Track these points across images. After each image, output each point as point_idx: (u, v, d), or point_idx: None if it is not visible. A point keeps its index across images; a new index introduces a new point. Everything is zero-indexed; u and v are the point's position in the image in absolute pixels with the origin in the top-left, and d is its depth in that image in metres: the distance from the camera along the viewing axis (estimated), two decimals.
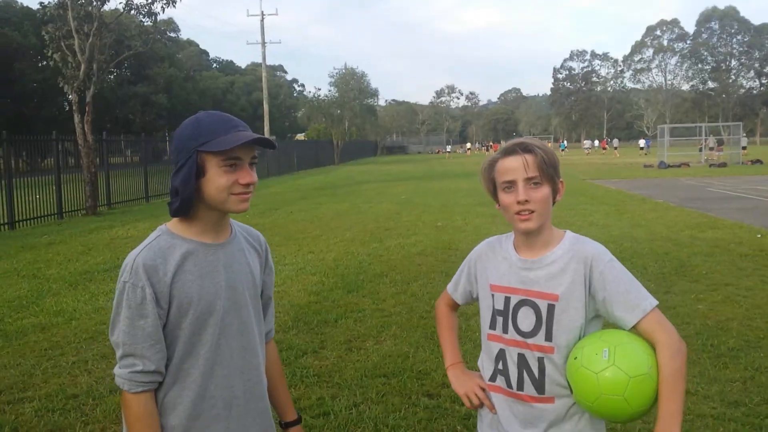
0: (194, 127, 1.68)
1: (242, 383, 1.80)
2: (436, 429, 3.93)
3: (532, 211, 1.80)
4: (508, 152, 1.85)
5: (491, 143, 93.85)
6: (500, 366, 1.90)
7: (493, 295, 1.93)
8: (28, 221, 15.24)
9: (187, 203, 1.69)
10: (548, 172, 1.81)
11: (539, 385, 1.82)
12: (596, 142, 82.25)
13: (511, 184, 1.82)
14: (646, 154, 53.47)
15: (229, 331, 1.76)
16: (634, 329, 1.75)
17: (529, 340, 1.83)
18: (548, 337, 1.81)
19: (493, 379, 1.93)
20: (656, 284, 7.19)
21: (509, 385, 1.87)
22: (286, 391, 2.07)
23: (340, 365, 5.04)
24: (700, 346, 5.19)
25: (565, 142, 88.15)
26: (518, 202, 1.80)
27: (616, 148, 63.02)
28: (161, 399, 1.71)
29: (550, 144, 65.34)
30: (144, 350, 1.64)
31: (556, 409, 1.81)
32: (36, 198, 15.80)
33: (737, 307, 6.29)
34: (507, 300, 1.89)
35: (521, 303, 1.86)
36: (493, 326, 1.93)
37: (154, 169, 23.28)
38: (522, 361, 1.84)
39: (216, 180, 1.66)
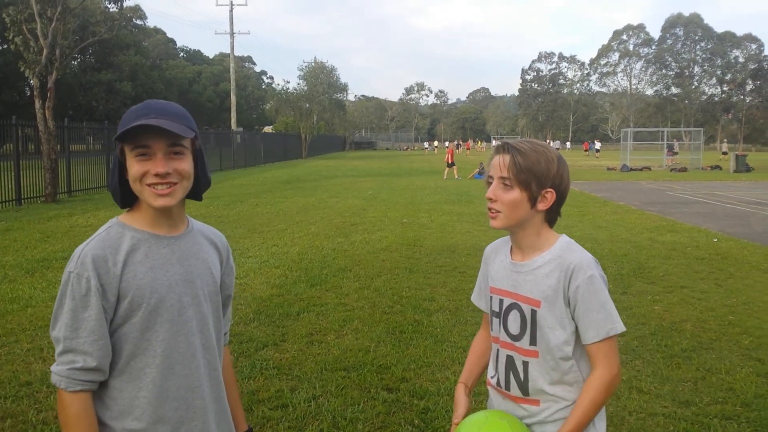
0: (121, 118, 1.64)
1: (208, 383, 1.71)
2: (394, 422, 3.96)
3: (498, 211, 1.85)
4: (495, 150, 1.92)
5: (461, 141, 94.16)
6: (497, 365, 1.96)
7: (491, 297, 1.99)
8: None
9: (114, 194, 1.67)
10: (520, 177, 1.81)
11: (524, 387, 1.87)
12: (567, 144, 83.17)
13: (490, 182, 1.89)
14: (597, 158, 55.16)
15: (190, 328, 1.67)
16: (587, 348, 1.81)
17: (517, 343, 1.88)
18: (532, 341, 1.85)
19: (492, 376, 2.00)
20: (614, 285, 7.33)
21: (499, 384, 1.94)
22: (239, 401, 1.97)
23: (301, 358, 5.04)
24: (655, 347, 5.30)
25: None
26: (487, 198, 1.88)
27: (558, 149, 64.47)
28: (115, 400, 1.61)
29: None
30: (86, 345, 1.54)
31: (540, 411, 1.86)
32: None
33: (692, 309, 6.45)
34: (501, 302, 1.94)
35: (511, 306, 1.90)
36: (491, 327, 2.00)
37: None
38: (510, 363, 1.90)
39: (130, 169, 1.59)
